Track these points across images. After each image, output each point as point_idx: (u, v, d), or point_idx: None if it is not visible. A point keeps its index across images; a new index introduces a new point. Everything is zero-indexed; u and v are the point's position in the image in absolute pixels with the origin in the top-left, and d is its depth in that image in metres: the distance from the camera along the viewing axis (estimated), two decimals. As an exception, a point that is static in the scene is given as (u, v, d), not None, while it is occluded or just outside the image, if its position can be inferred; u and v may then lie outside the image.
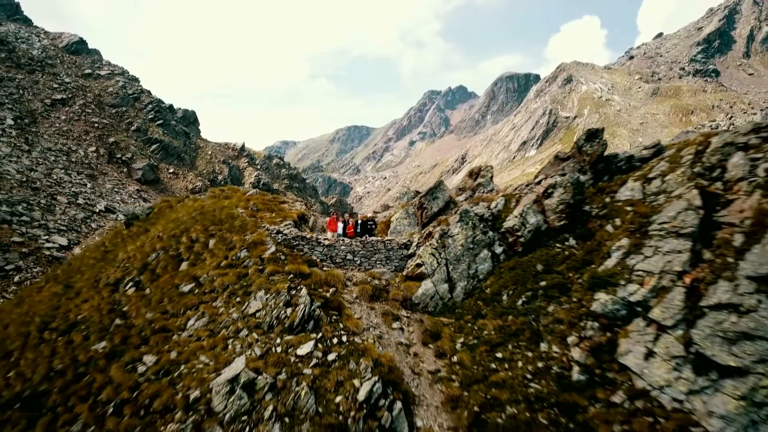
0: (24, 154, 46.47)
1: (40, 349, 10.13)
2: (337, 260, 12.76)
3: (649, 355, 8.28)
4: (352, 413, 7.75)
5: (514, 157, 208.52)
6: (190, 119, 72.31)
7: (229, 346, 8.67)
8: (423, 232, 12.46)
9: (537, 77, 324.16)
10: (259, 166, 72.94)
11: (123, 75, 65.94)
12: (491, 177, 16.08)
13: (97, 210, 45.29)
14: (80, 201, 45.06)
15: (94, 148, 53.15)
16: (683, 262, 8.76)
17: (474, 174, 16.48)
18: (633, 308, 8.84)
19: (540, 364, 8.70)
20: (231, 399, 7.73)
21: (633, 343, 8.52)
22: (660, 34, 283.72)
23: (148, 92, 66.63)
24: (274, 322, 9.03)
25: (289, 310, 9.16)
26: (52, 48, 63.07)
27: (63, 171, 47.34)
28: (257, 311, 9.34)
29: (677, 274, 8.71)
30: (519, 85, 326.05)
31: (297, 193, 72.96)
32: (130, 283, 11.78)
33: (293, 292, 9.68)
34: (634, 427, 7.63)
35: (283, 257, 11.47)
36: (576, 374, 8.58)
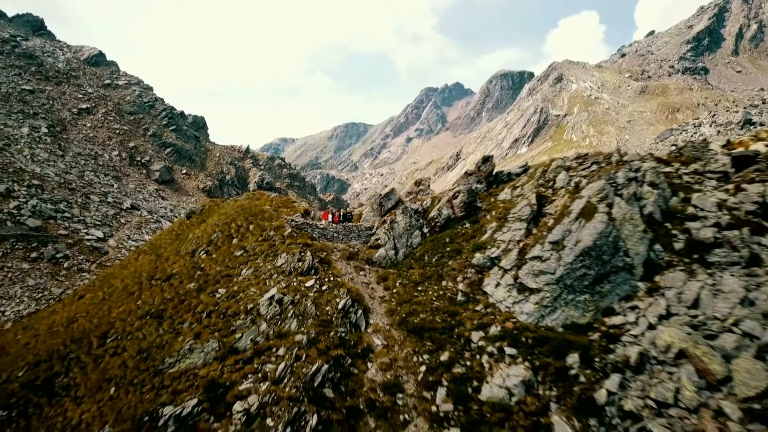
0: (59, 158, 53.10)
1: (152, 289, 16.78)
2: (328, 236, 19.64)
3: (497, 285, 15.12)
4: (335, 315, 14.56)
5: (506, 155, 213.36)
6: (199, 124, 78.96)
7: (267, 282, 15.41)
8: (381, 220, 19.44)
9: (531, 74, 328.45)
10: (262, 167, 79.71)
11: (139, 84, 72.55)
12: (429, 185, 23.24)
13: (125, 207, 52.04)
14: (110, 199, 51.79)
15: (117, 152, 59.68)
16: (521, 234, 15.59)
17: (418, 183, 23.63)
18: (493, 261, 15.67)
19: (441, 292, 15.50)
20: (270, 307, 14.54)
21: (490, 280, 15.35)
22: (652, 32, 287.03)
23: (162, 100, 73.25)
24: (292, 269, 15.78)
25: (300, 263, 15.92)
26: (75, 61, 69.56)
27: (93, 173, 53.99)
28: (282, 264, 16.09)
29: (517, 241, 15.56)
30: (513, 83, 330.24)
31: (297, 191, 79.83)
32: (202, 251, 18.48)
33: (302, 253, 16.42)
34: (484, 321, 14.45)
35: (295, 235, 18.22)
36: (459, 296, 15.39)
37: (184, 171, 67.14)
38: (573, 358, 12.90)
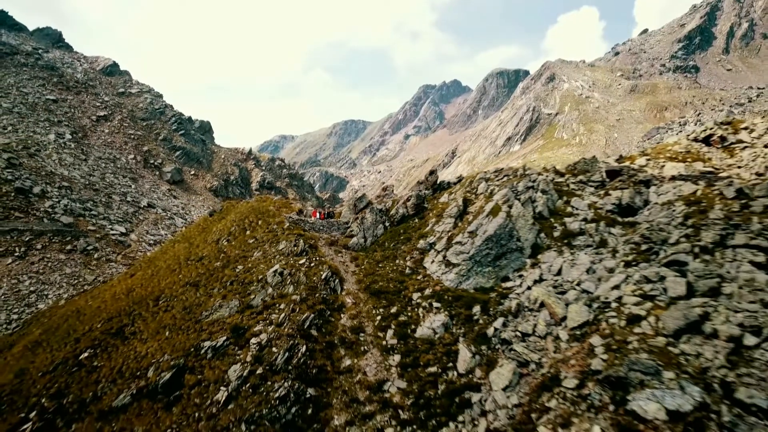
0: (82, 162, 59.40)
1: (189, 267, 23.09)
2: (316, 229, 26.08)
3: (432, 261, 21.55)
4: (320, 282, 21.00)
5: (499, 152, 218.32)
6: (205, 128, 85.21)
7: (272, 261, 21.81)
8: (354, 216, 25.85)
9: (527, 72, 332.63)
10: (264, 168, 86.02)
11: (150, 92, 78.76)
12: (392, 191, 29.62)
13: (142, 206, 58.40)
14: (129, 199, 58.15)
15: (132, 156, 65.92)
16: (450, 227, 22.04)
17: (385, 189, 30.07)
18: (431, 245, 22.12)
19: (395, 267, 21.93)
20: (274, 277, 20.99)
21: (429, 258, 21.80)
22: (645, 30, 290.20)
23: (171, 106, 79.48)
24: (289, 252, 22.18)
25: (295, 247, 22.32)
26: (91, 71, 75.71)
27: (112, 175, 60.30)
28: (282, 248, 22.49)
29: (447, 231, 22.01)
30: (509, 81, 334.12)
31: (296, 190, 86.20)
32: (224, 240, 24.83)
33: (297, 241, 22.81)
34: (422, 286, 20.86)
35: (292, 227, 24.61)
36: (407, 270, 21.83)
37: (192, 172, 73.43)
38: (476, 309, 19.34)
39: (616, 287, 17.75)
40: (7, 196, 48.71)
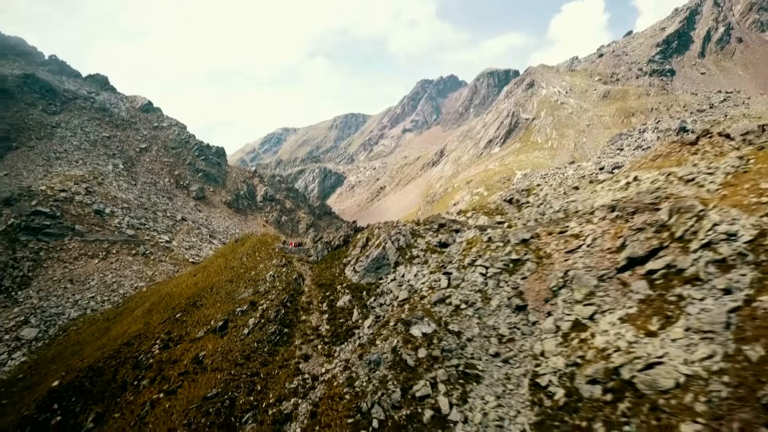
0: (133, 187, 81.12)
1: (226, 271, 44.56)
2: (292, 252, 47.73)
3: (349, 270, 43.51)
4: (292, 280, 43.00)
5: (481, 154, 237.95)
6: (220, 153, 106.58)
7: (269, 269, 43.52)
8: (313, 245, 47.57)
9: (516, 73, 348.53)
10: (266, 183, 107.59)
11: (177, 125, 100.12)
12: (337, 230, 50.45)
13: (178, 219, 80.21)
14: (168, 214, 79.98)
15: (167, 179, 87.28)
16: (358, 252, 43.97)
17: (336, 229, 50.83)
18: (349, 262, 44.05)
19: (331, 273, 43.71)
20: (270, 278, 43.02)
21: (347, 268, 43.75)
22: (630, 32, 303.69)
23: (194, 136, 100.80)
24: (278, 264, 43.82)
25: (281, 262, 44.00)
26: (132, 109, 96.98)
27: (155, 196, 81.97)
28: (274, 262, 44.14)
29: (357, 255, 43.96)
30: (500, 80, 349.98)
31: (292, 200, 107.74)
32: (244, 257, 46.30)
33: (281, 258, 44.35)
34: (343, 281, 42.87)
35: (280, 251, 46.29)
36: (337, 274, 43.74)
37: (211, 189, 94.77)
38: (364, 293, 41.01)
39: (423, 283, 39.36)
40: (89, 216, 70.73)
